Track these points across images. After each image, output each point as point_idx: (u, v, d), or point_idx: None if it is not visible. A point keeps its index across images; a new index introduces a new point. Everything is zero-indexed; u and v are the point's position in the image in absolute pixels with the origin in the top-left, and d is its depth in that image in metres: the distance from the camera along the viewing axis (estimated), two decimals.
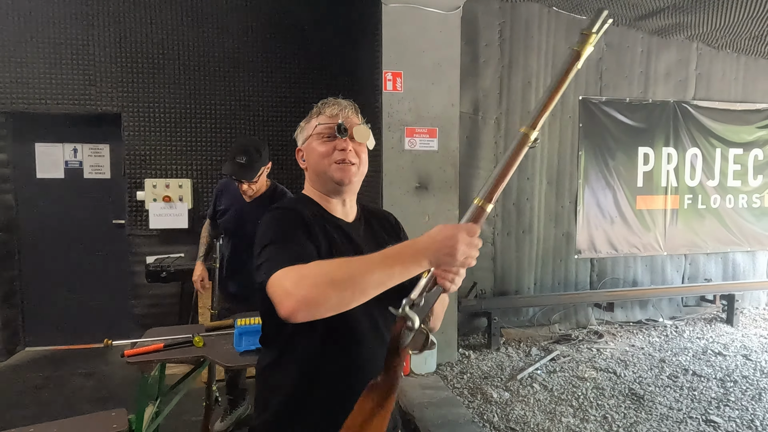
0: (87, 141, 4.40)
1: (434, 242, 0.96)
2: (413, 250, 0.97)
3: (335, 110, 1.24)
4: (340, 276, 0.93)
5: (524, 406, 3.35)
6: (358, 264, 0.96)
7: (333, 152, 1.21)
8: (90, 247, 4.43)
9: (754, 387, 3.62)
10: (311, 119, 1.27)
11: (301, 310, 0.92)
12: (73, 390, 3.63)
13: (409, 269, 0.97)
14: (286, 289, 0.93)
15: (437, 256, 0.96)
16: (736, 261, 5.42)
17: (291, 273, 0.95)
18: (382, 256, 0.97)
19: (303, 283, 0.93)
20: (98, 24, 4.09)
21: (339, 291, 0.93)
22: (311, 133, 1.25)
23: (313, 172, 1.26)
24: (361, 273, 0.94)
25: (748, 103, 5.27)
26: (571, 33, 4.67)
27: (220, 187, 2.89)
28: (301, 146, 1.29)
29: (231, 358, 2.03)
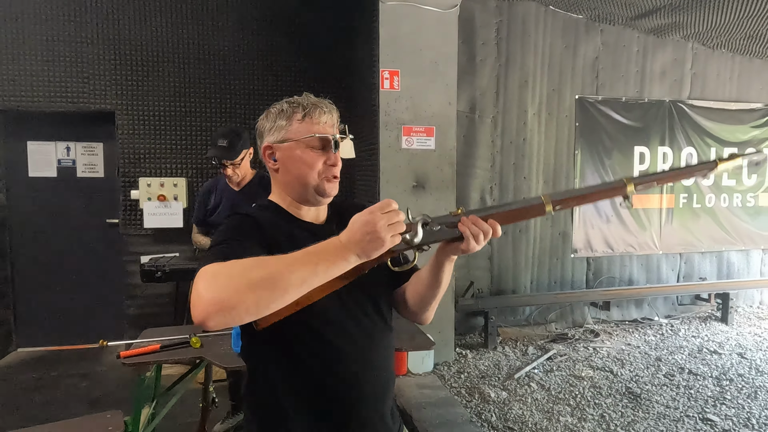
0: (80, 139, 4.36)
1: (354, 233, 0.90)
2: (337, 245, 0.90)
3: (327, 118, 1.15)
4: (257, 275, 0.84)
5: (522, 406, 3.35)
6: (278, 262, 0.87)
7: (321, 165, 1.13)
8: (83, 247, 4.38)
9: (749, 385, 3.64)
10: (293, 120, 1.14)
11: (212, 314, 0.81)
12: (67, 391, 3.59)
13: (336, 265, 0.89)
14: (198, 291, 0.82)
15: (362, 246, 0.90)
16: (731, 260, 5.45)
17: (206, 273, 0.85)
18: (304, 253, 0.89)
19: (215, 283, 0.83)
20: (92, 22, 4.04)
21: (256, 291, 0.83)
22: (296, 139, 1.13)
23: (292, 178, 1.15)
24: (281, 271, 0.85)
25: (743, 103, 5.29)
26: (568, 32, 4.68)
27: (206, 188, 2.90)
28: (273, 144, 1.15)
29: (228, 359, 2.01)
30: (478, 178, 4.52)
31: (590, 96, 4.80)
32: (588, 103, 4.80)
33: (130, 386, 3.63)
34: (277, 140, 1.15)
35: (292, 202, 1.19)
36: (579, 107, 4.77)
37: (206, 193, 2.86)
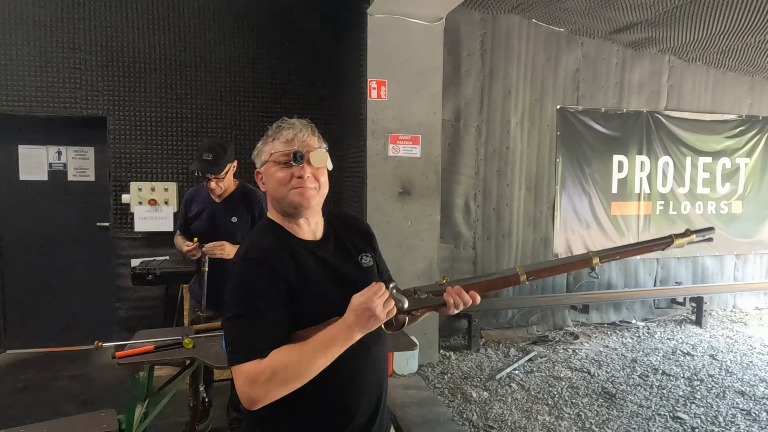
0: (71, 143, 4.41)
1: (357, 315, 1.07)
2: (344, 329, 1.08)
3: (290, 134, 1.23)
4: (290, 375, 1.07)
5: (502, 405, 3.48)
6: (304, 358, 1.07)
7: (291, 179, 1.21)
8: (73, 250, 4.43)
9: (719, 385, 3.81)
10: (267, 143, 1.27)
11: (259, 405, 1.07)
12: (58, 392, 3.64)
13: (345, 345, 1.09)
14: (244, 391, 1.07)
15: (363, 324, 1.07)
16: (705, 265, 5.65)
17: (247, 375, 1.07)
18: (321, 345, 1.08)
19: (256, 388, 1.06)
20: (84, 27, 4.11)
21: (287, 386, 1.08)
22: (267, 159, 1.25)
23: (272, 196, 1.27)
24: (307, 367, 1.07)
25: (717, 114, 5.51)
26: (550, 44, 4.84)
27: (188, 196, 2.88)
28: (260, 169, 1.29)
29: (220, 359, 2.10)
30: (463, 185, 4.66)
31: (571, 106, 4.97)
32: (569, 113, 4.97)
33: (121, 388, 3.69)
34: (260, 164, 1.30)
35: (284, 218, 1.27)
36: (560, 117, 4.94)
37: (188, 201, 2.86)
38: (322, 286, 1.19)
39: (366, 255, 1.33)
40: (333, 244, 1.30)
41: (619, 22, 4.58)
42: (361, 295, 1.08)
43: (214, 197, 2.77)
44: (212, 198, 2.77)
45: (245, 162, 4.43)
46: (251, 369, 1.06)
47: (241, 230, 2.83)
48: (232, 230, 2.78)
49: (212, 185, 2.69)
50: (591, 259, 1.24)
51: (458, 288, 1.18)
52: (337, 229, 1.33)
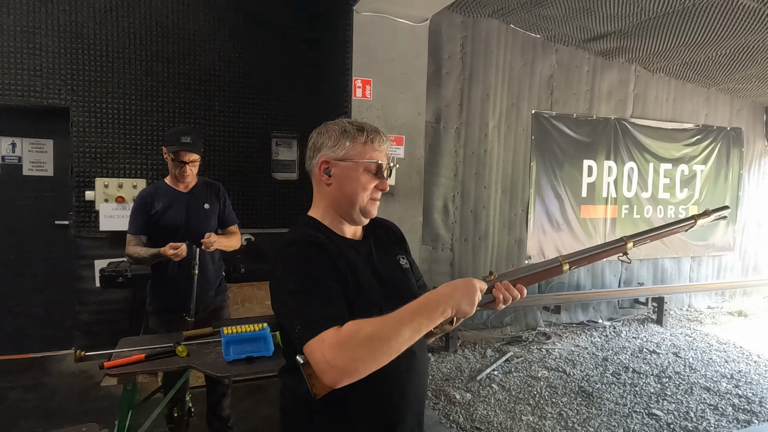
0: (27, 135, 4.09)
1: (456, 290, 1.04)
2: (436, 301, 1.02)
3: (385, 147, 1.23)
4: (377, 342, 0.96)
5: (486, 406, 3.50)
6: (390, 325, 0.98)
7: (371, 188, 1.21)
8: (28, 250, 4.10)
9: (686, 382, 3.99)
10: (356, 142, 1.19)
11: (345, 379, 0.95)
12: (14, 405, 3.35)
13: (434, 320, 1.01)
14: (328, 361, 0.95)
15: (459, 303, 1.03)
16: (665, 266, 5.93)
17: (330, 342, 0.96)
18: (409, 313, 1.00)
19: (343, 354, 0.95)
20: (45, 11, 3.81)
21: (377, 356, 0.96)
22: (356, 160, 1.19)
23: (342, 195, 1.21)
24: (394, 335, 0.97)
25: (677, 123, 5.79)
26: (526, 50, 4.93)
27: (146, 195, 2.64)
28: (332, 160, 1.20)
29: (219, 368, 1.98)
30: (442, 186, 4.66)
31: (545, 111, 5.09)
32: (543, 117, 5.08)
33: (82, 398, 3.46)
34: (337, 157, 1.19)
35: (335, 218, 1.23)
36: (535, 121, 5.04)
37: (148, 199, 2.62)
38: (368, 281, 1.17)
39: (402, 257, 1.33)
40: (374, 244, 1.29)
41: (592, 31, 4.72)
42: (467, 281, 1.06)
43: (180, 187, 2.66)
44: (177, 190, 2.66)
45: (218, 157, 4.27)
46: (333, 336, 0.97)
47: (214, 217, 2.73)
48: (207, 217, 2.70)
49: (187, 170, 2.60)
50: (625, 245, 1.31)
51: (506, 283, 1.17)
52: (375, 232, 1.33)
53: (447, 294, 1.03)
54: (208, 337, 2.28)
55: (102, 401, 3.39)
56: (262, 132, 4.41)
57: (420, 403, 1.26)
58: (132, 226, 2.59)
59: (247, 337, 2.04)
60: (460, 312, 1.04)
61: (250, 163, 4.38)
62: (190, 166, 2.62)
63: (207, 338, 2.28)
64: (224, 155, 4.30)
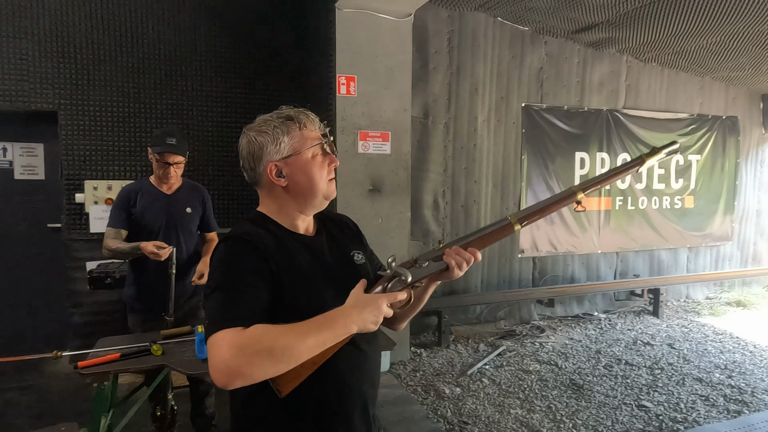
0: (18, 139, 4.12)
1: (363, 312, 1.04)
2: (343, 318, 1.03)
3: (316, 124, 1.20)
4: (278, 349, 0.95)
5: (475, 401, 3.50)
6: (294, 334, 0.98)
7: (330, 170, 1.20)
8: (21, 253, 4.14)
9: (678, 373, 3.97)
10: (292, 133, 1.16)
11: (237, 381, 0.94)
12: (7, 406, 3.40)
13: (339, 336, 1.02)
14: (224, 360, 0.93)
15: (365, 323, 1.04)
16: (661, 257, 5.89)
17: (230, 341, 0.94)
18: (316, 326, 1.00)
19: (241, 356, 0.93)
20: (31, 15, 3.83)
21: (275, 362, 0.96)
22: (304, 151, 1.16)
23: (302, 189, 1.18)
24: (297, 344, 0.97)
25: (670, 113, 5.74)
26: (515, 43, 4.91)
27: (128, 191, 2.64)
28: (279, 161, 1.15)
29: (193, 366, 2.00)
30: (431, 181, 4.66)
31: (535, 104, 5.06)
32: (533, 110, 5.06)
33: (77, 399, 3.50)
34: (283, 156, 1.16)
35: (290, 215, 1.20)
36: (525, 114, 5.02)
37: (129, 195, 2.63)
38: (317, 281, 1.16)
39: (358, 252, 1.30)
40: (326, 239, 1.26)
41: (581, 22, 4.69)
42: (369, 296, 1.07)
43: (164, 189, 2.67)
44: (160, 191, 2.67)
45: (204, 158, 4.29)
46: (234, 336, 0.95)
47: (195, 222, 2.75)
48: (187, 222, 2.71)
49: (171, 172, 2.60)
50: (575, 194, 1.23)
51: (456, 248, 1.14)
52: (328, 227, 1.30)
53: (353, 313, 1.04)
54: (186, 336, 2.30)
55: None
56: None
57: (370, 398, 1.24)
58: (111, 219, 2.60)
59: None
60: (364, 329, 1.04)
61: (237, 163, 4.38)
62: (175, 168, 2.63)
63: (185, 337, 2.30)
64: (210, 156, 4.31)
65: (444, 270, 1.14)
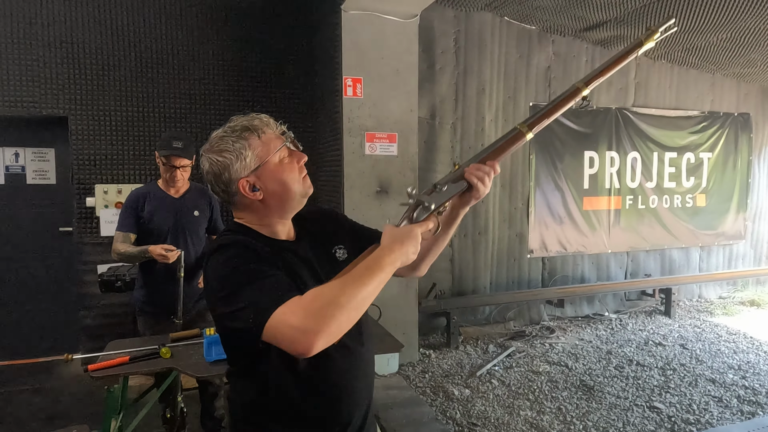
0: (30, 145, 4.18)
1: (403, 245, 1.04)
2: (388, 256, 1.01)
3: (273, 124, 1.16)
4: (344, 299, 0.93)
5: (484, 402, 3.48)
6: (351, 282, 0.96)
7: (300, 169, 1.18)
8: (34, 256, 4.20)
9: (690, 374, 3.92)
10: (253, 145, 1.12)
11: (320, 341, 0.90)
12: (21, 408, 3.44)
13: (389, 273, 1.00)
14: (297, 327, 0.90)
15: (407, 255, 1.04)
16: (672, 257, 5.82)
17: (293, 309, 0.92)
18: (367, 270, 0.98)
19: (310, 316, 0.90)
20: (41, 23, 3.89)
21: (346, 313, 0.92)
22: (270, 158, 1.12)
23: (278, 197, 1.15)
24: (358, 290, 0.94)
25: (681, 110, 5.68)
26: (522, 42, 4.88)
27: (137, 195, 2.67)
28: (253, 174, 1.11)
29: (201, 368, 2.01)
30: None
31: (543, 103, 5.01)
32: None
33: (89, 401, 3.53)
34: (251, 170, 1.12)
35: (270, 224, 1.18)
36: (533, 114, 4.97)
37: (138, 199, 2.65)
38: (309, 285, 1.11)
39: (339, 247, 1.28)
40: (308, 240, 1.24)
41: (589, 20, 4.65)
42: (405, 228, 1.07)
43: (171, 192, 2.69)
44: (168, 195, 2.69)
45: None
46: (295, 305, 0.92)
47: (203, 225, 2.76)
48: (195, 225, 2.73)
49: (178, 175, 2.62)
50: (579, 90, 1.21)
51: (474, 164, 1.15)
52: (306, 226, 1.27)
53: (395, 248, 1.03)
54: (194, 339, 2.31)
55: None
56: None
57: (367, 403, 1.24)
58: (120, 223, 2.62)
59: None
60: (407, 261, 1.04)
61: None
62: (181, 171, 2.64)
63: (193, 340, 2.31)
64: None
65: (467, 191, 1.15)
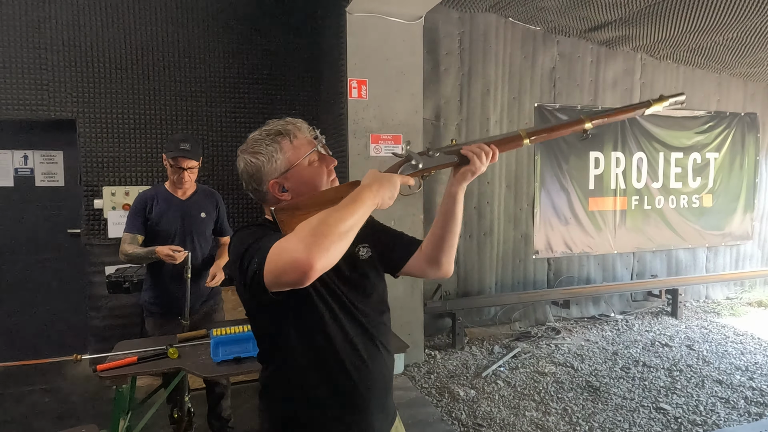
0: (38, 147, 4.23)
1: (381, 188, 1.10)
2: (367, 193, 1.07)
3: (305, 131, 1.24)
4: (332, 221, 0.97)
5: (490, 403, 3.48)
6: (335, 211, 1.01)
7: (330, 172, 1.25)
8: (43, 258, 4.25)
9: (697, 375, 3.91)
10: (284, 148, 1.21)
11: (317, 258, 0.93)
12: (30, 408, 3.48)
13: (369, 209, 1.06)
14: (294, 249, 0.94)
15: (383, 198, 1.10)
16: (679, 257, 5.80)
17: (287, 239, 0.97)
18: (350, 201, 1.04)
19: (304, 237, 0.95)
20: (50, 27, 3.93)
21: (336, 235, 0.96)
22: (300, 161, 1.21)
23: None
24: (343, 217, 0.99)
25: (687, 110, 5.65)
26: (526, 43, 4.88)
27: (145, 197, 2.69)
28: (279, 178, 1.21)
29: (208, 369, 2.03)
30: (444, 183, 4.64)
31: (548, 104, 5.03)
32: (546, 110, 5.02)
33: (97, 401, 3.57)
34: (281, 172, 1.21)
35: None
36: (538, 114, 4.99)
37: (146, 201, 2.68)
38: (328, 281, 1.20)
39: (363, 246, 1.33)
40: None
41: (593, 21, 4.65)
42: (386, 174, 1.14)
43: (178, 194, 2.71)
44: (175, 197, 2.71)
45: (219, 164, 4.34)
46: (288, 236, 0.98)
47: (210, 226, 2.79)
48: (202, 226, 2.75)
49: (186, 176, 2.64)
50: (583, 121, 1.28)
51: (478, 143, 1.22)
52: None
53: (373, 188, 1.08)
54: (201, 339, 2.33)
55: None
56: None
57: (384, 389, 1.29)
58: (128, 225, 2.65)
59: (235, 339, 2.09)
60: (383, 205, 1.10)
61: None
62: (189, 173, 2.67)
63: (200, 340, 2.33)
64: (225, 161, 4.37)
65: (458, 163, 1.22)
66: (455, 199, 1.28)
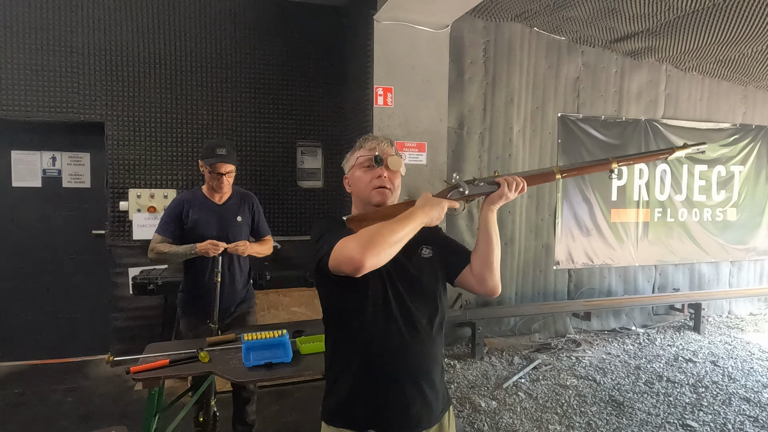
0: (66, 149, 4.29)
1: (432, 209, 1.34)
2: (418, 214, 1.30)
3: (373, 144, 1.49)
4: (386, 232, 1.23)
5: (512, 415, 3.44)
6: (389, 225, 1.25)
7: (372, 179, 1.45)
8: (68, 258, 4.30)
9: (723, 392, 3.83)
10: (355, 152, 1.52)
11: (368, 258, 1.18)
12: (53, 407, 3.51)
13: (417, 226, 1.29)
14: (352, 248, 1.20)
15: (431, 217, 1.33)
16: (702, 271, 5.71)
17: (349, 238, 1.24)
18: (403, 218, 1.28)
19: (361, 242, 1.21)
20: (81, 31, 4.00)
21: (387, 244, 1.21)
22: (354, 164, 1.50)
23: (357, 197, 1.50)
24: (395, 230, 1.24)
25: (712, 123, 5.59)
26: (551, 53, 4.87)
27: (182, 201, 2.69)
28: (347, 174, 1.53)
29: (239, 374, 2.03)
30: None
31: (572, 114, 5.00)
32: (570, 120, 5.00)
33: (118, 401, 3.59)
34: (347, 170, 1.54)
35: (360, 210, 1.51)
36: (561, 125, 4.96)
37: (183, 205, 2.67)
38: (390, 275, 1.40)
39: (426, 247, 1.49)
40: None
41: (619, 32, 4.62)
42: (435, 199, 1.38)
43: (215, 199, 2.73)
44: (211, 202, 2.72)
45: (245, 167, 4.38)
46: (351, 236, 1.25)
47: (246, 229, 2.80)
48: (238, 230, 2.76)
49: (224, 181, 2.66)
50: (610, 162, 1.50)
51: (510, 176, 1.45)
52: None
53: (426, 209, 1.33)
54: (231, 344, 2.34)
55: (136, 404, 3.50)
56: (288, 141, 4.49)
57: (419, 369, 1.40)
58: (161, 227, 2.64)
59: (267, 344, 2.08)
60: (431, 223, 1.34)
61: (276, 171, 4.47)
62: (227, 177, 2.68)
63: (230, 344, 2.33)
64: (251, 165, 4.40)
65: (496, 189, 1.43)
66: (487, 221, 1.45)
